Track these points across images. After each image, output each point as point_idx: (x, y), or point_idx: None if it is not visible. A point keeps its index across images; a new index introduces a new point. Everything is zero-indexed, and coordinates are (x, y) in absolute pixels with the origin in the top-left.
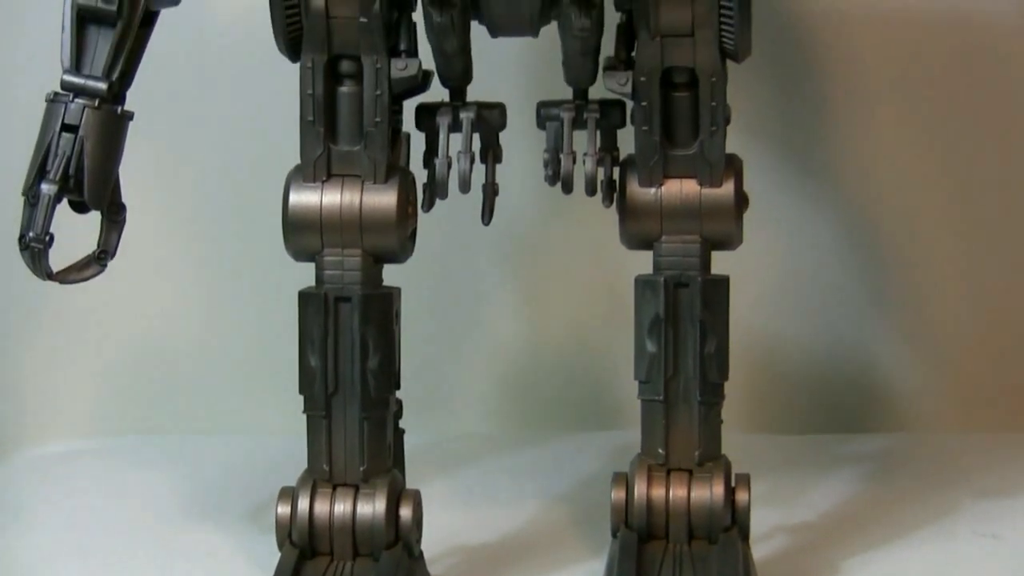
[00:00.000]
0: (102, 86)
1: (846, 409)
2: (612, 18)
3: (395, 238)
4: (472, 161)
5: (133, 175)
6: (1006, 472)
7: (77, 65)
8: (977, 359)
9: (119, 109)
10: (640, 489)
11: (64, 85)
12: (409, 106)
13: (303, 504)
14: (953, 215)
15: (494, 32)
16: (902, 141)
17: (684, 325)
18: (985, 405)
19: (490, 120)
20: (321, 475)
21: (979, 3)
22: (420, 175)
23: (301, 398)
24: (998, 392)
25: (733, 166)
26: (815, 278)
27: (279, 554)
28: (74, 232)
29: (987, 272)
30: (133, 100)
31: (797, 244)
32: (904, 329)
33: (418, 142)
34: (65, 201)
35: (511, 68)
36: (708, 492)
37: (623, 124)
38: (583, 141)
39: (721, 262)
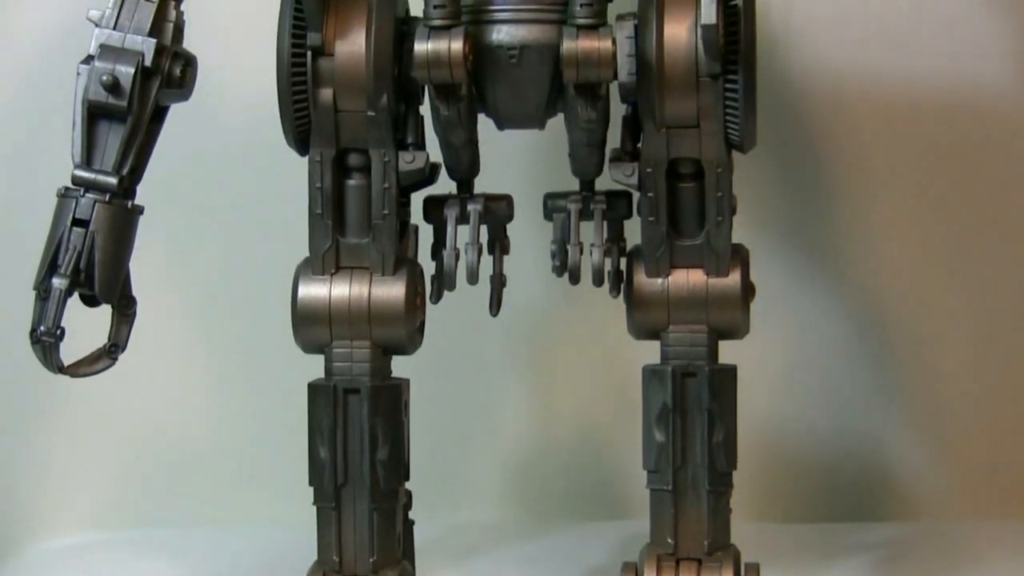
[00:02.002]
0: (112, 181)
1: (856, 497)
2: (618, 110)
3: (404, 330)
4: (480, 253)
5: (143, 269)
6: (1017, 560)
7: (88, 160)
8: (987, 447)
9: (129, 203)
10: None
11: (75, 180)
12: (417, 198)
13: None
14: (961, 301)
15: (501, 125)
16: (908, 228)
17: (692, 414)
18: (995, 493)
19: (497, 212)
20: (331, 566)
21: (982, 86)
22: (428, 267)
23: (311, 489)
24: (1008, 480)
25: (739, 256)
26: (823, 366)
27: None
28: (84, 324)
29: (996, 359)
30: (143, 193)
31: (804, 333)
32: (913, 417)
33: (426, 234)
34: (76, 295)
35: (518, 160)
36: None
37: (629, 215)
38: (590, 232)
39: (728, 351)
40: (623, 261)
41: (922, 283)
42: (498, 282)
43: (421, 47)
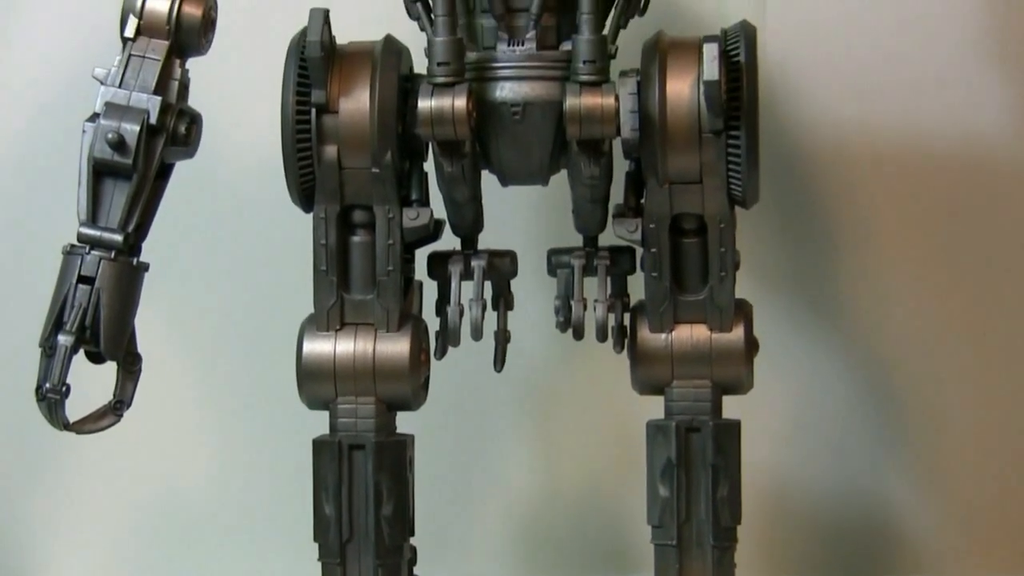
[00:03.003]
0: (118, 238)
1: (860, 553)
2: (621, 166)
3: (408, 386)
4: (484, 309)
5: (148, 325)
6: None
7: (93, 217)
8: (993, 502)
9: (135, 260)
10: None
11: (80, 237)
12: (421, 255)
13: None
14: (965, 356)
15: (504, 181)
16: (912, 282)
17: (696, 470)
18: (1002, 549)
19: (501, 268)
20: None
21: (983, 138)
22: (432, 323)
23: (316, 546)
24: (1015, 536)
25: (743, 311)
26: (827, 421)
27: None
28: (89, 379)
29: (1002, 414)
30: (148, 250)
31: (808, 387)
32: (919, 472)
33: (430, 290)
34: (81, 351)
35: (522, 216)
36: None
37: (633, 270)
38: (594, 288)
39: (732, 406)
40: (627, 317)
41: (926, 336)
42: (502, 338)
43: (425, 104)
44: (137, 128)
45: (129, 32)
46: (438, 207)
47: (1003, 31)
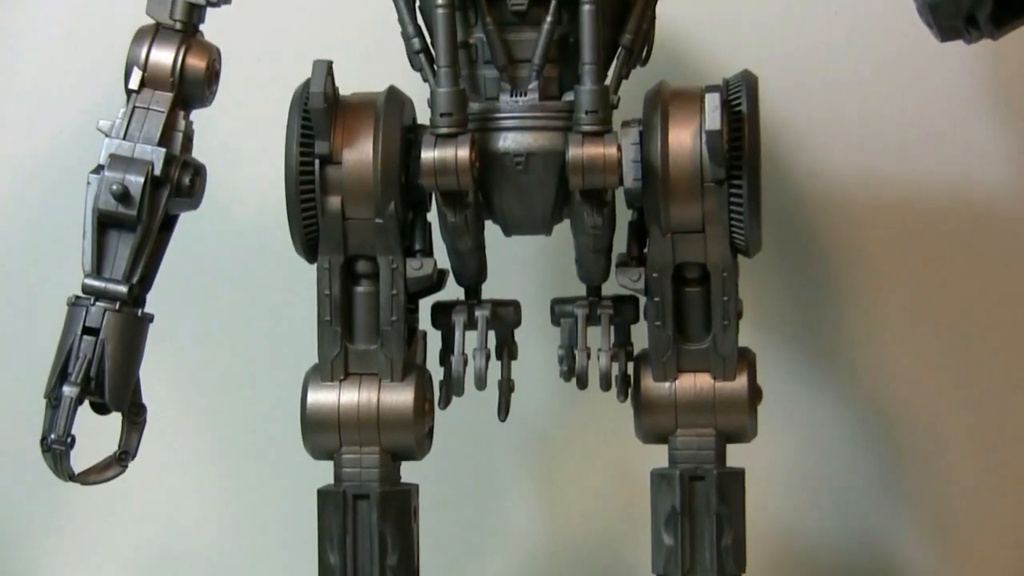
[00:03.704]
0: (122, 289)
1: None
2: (624, 215)
3: (412, 436)
4: (488, 358)
5: (153, 376)
6: None
7: (98, 269)
8: (997, 549)
9: (139, 312)
10: None
11: (85, 289)
12: (425, 304)
13: None
14: (968, 402)
15: (508, 231)
16: (914, 329)
17: (700, 518)
18: None
19: (505, 317)
20: None
21: (983, 188)
22: (436, 372)
23: None
24: None
25: (746, 359)
26: (831, 469)
27: None
28: (94, 431)
29: (1005, 461)
30: (152, 301)
31: (811, 436)
32: (921, 520)
33: (434, 340)
34: (86, 402)
35: (525, 266)
36: None
37: (636, 319)
38: (597, 337)
39: (736, 454)
40: (630, 365)
41: (928, 384)
42: (506, 387)
43: (428, 155)
44: (141, 180)
45: (133, 84)
46: (442, 257)
47: (999, 83)
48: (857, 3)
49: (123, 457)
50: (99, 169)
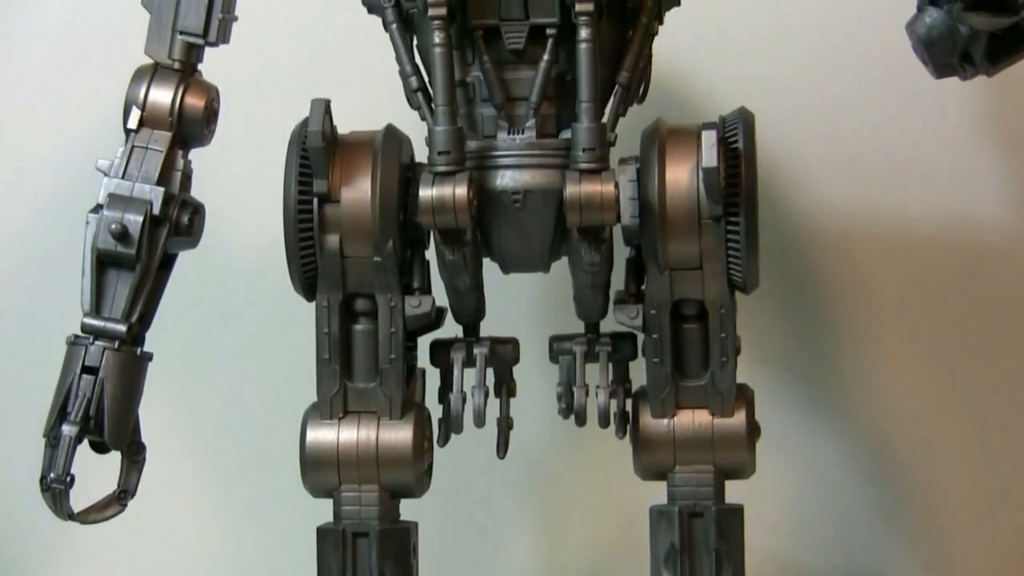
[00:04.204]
0: (121, 328)
1: None
2: (621, 252)
3: (411, 474)
4: (486, 396)
5: (152, 415)
6: None
7: (97, 308)
8: None
9: (138, 351)
10: None
11: (84, 328)
12: (424, 342)
13: None
14: (968, 439)
15: (506, 269)
16: (913, 365)
17: (700, 555)
18: None
19: (503, 355)
20: None
21: (981, 224)
22: (435, 410)
23: None
24: None
25: (744, 396)
26: (830, 506)
27: None
28: (92, 469)
29: (1005, 498)
30: (152, 340)
31: (810, 472)
32: (921, 557)
33: (433, 378)
34: (85, 441)
35: (523, 304)
36: None
37: (635, 356)
38: (595, 374)
39: (735, 490)
40: (629, 402)
41: (927, 419)
42: (505, 424)
43: (426, 193)
44: (140, 219)
45: (132, 123)
46: (440, 295)
47: (995, 118)
48: (854, 41)
49: (122, 496)
50: (98, 208)
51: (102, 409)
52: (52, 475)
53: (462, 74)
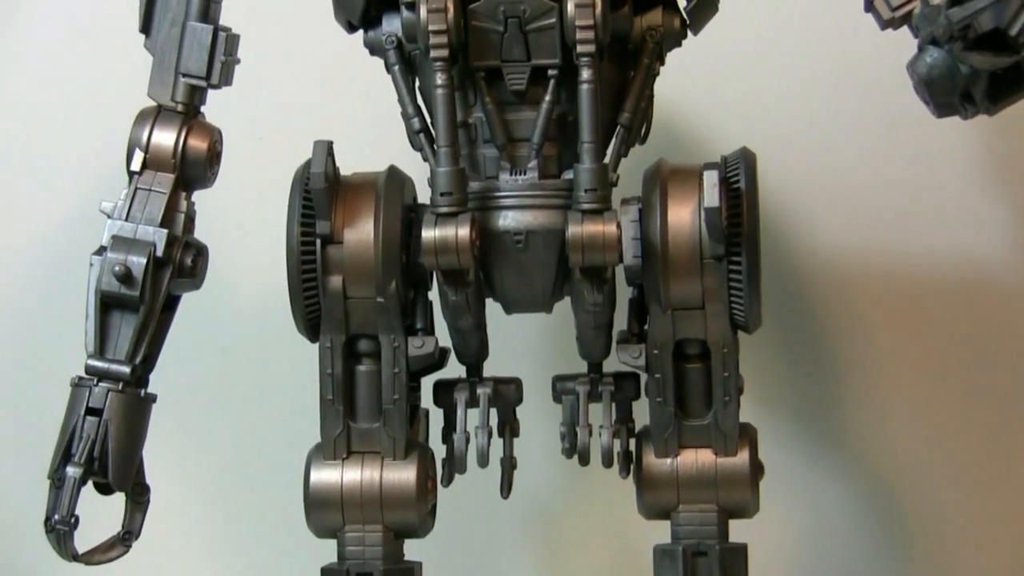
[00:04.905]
0: (125, 370)
1: None
2: (624, 293)
3: (415, 514)
4: (490, 436)
5: (156, 456)
6: None
7: (101, 349)
8: None
9: (142, 392)
10: None
11: (88, 370)
12: (427, 383)
13: None
14: (970, 479)
15: (508, 309)
16: (914, 406)
17: None
18: None
19: (507, 395)
20: None
21: (982, 263)
22: (439, 450)
23: None
24: None
25: (747, 435)
26: (834, 544)
27: None
28: (96, 511)
29: (1009, 536)
30: (155, 381)
31: (814, 511)
32: None
33: (436, 418)
34: (90, 483)
35: (526, 344)
36: None
37: (637, 396)
38: (599, 414)
39: (739, 529)
40: (632, 442)
41: (930, 459)
42: (508, 464)
43: (429, 234)
44: (144, 261)
45: (135, 166)
46: (443, 335)
47: (996, 158)
48: (855, 80)
49: (127, 537)
50: (101, 250)
51: (106, 451)
52: (56, 516)
53: (464, 115)
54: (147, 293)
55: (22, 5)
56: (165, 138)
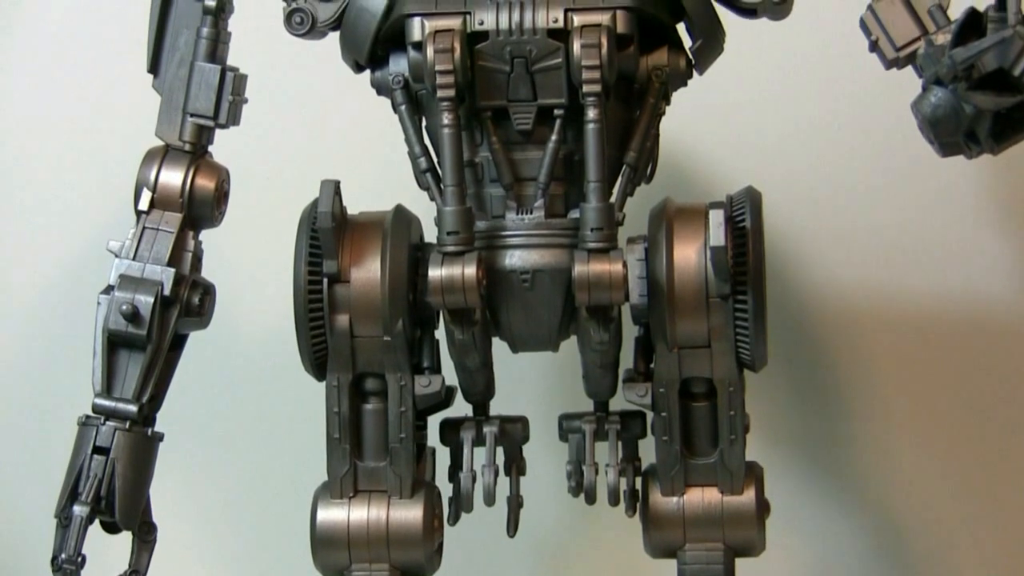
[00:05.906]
0: (132, 409)
1: None
2: (630, 331)
3: (422, 553)
4: (496, 474)
5: (163, 495)
6: None
7: (108, 388)
8: None
9: (149, 431)
10: None
11: (95, 408)
12: (433, 421)
13: None
14: (976, 517)
15: (515, 348)
16: (920, 444)
17: None
18: None
19: (513, 434)
20: None
21: (989, 302)
22: (445, 489)
23: None
24: None
25: (754, 473)
26: None
27: None
28: (103, 550)
29: (1016, 570)
30: (162, 419)
31: (820, 548)
32: None
33: (443, 456)
34: (96, 522)
35: (532, 382)
36: None
37: (644, 435)
38: (605, 452)
39: (745, 568)
40: (638, 480)
41: (936, 497)
42: (515, 503)
43: (435, 273)
44: (151, 300)
45: (143, 205)
46: (450, 374)
47: (1000, 196)
48: (860, 119)
49: None
50: (109, 289)
51: (113, 489)
52: (63, 556)
53: (471, 154)
54: (154, 332)
55: (27, 56)
56: (173, 177)
